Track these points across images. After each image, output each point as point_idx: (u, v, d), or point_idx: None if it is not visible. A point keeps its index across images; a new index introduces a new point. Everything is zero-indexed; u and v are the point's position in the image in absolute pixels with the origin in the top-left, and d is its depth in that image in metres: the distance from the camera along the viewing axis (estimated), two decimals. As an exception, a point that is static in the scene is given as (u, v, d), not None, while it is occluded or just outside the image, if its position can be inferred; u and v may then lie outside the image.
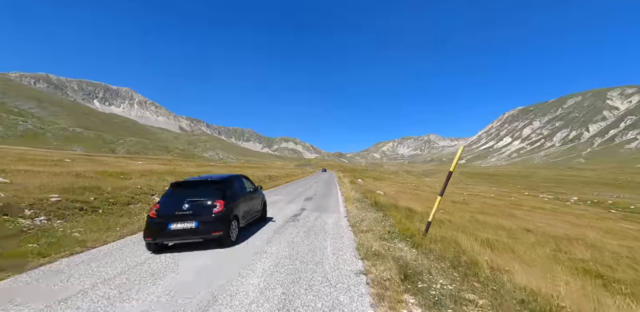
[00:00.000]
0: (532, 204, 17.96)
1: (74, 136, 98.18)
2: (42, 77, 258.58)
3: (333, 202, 11.50)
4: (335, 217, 8.01)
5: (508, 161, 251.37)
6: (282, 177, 27.20)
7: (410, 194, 18.23)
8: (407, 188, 24.34)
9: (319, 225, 6.96)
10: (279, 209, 9.46)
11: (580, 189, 56.10)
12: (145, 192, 10.00)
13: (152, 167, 18.32)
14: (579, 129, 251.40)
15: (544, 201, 21.59)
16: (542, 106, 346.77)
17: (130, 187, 9.74)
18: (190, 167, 24.94)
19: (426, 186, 34.18)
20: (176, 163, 32.24)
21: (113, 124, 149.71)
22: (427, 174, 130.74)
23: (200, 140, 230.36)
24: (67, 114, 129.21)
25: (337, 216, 8.22)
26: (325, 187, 19.00)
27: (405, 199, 12.80)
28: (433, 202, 5.79)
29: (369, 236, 5.73)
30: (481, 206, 13.16)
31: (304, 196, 13.27)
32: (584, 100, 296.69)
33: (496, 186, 65.34)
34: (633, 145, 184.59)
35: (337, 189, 16.98)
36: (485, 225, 8.89)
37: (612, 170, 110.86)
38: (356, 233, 6.08)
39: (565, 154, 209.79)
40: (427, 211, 8.79)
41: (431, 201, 13.97)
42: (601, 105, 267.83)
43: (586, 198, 25.08)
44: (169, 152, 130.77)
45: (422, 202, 12.48)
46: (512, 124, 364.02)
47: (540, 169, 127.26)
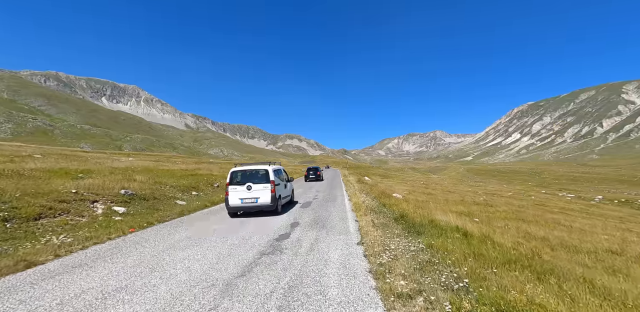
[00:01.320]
0: (558, 204, 16.46)
1: (82, 133, 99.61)
2: (51, 75, 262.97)
3: (338, 212, 8.33)
4: (343, 246, 4.78)
5: (517, 157, 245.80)
6: None
7: (427, 194, 16.46)
8: (418, 187, 23.16)
9: (312, 271, 3.69)
10: (261, 223, 6.82)
11: (597, 187, 54.04)
12: (84, 198, 7.44)
13: (137, 164, 16.47)
14: (592, 125, 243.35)
15: (567, 200, 20.15)
16: (553, 101, 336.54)
17: (63, 191, 7.38)
18: (184, 164, 22.66)
19: (435, 184, 33.05)
20: (173, 160, 31.31)
21: (120, 122, 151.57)
22: (433, 171, 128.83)
23: (205, 138, 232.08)
24: (76, 111, 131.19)
25: (346, 242, 5.01)
26: (328, 187, 16.62)
27: (433, 205, 10.40)
28: (463, 207, 4.75)
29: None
30: (510, 209, 11.44)
31: (301, 201, 10.82)
32: (597, 95, 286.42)
33: (506, 183, 63.60)
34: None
35: (342, 191, 14.26)
36: (550, 246, 5.78)
37: (627, 166, 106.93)
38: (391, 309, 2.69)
39: (577, 150, 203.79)
40: (471, 227, 6.11)
41: (459, 203, 12.63)
42: (616, 99, 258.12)
43: (612, 197, 23.53)
44: (175, 149, 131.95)
45: (450, 207, 10.63)
46: (522, 119, 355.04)
47: (551, 166, 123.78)
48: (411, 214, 6.98)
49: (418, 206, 9.22)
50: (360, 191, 14.29)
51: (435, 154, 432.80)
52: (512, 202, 15.79)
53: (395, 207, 8.51)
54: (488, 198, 16.14)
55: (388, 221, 6.83)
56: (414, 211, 7.66)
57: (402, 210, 7.68)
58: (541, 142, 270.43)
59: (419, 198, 13.28)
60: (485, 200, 15.33)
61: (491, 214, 10.11)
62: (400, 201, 10.23)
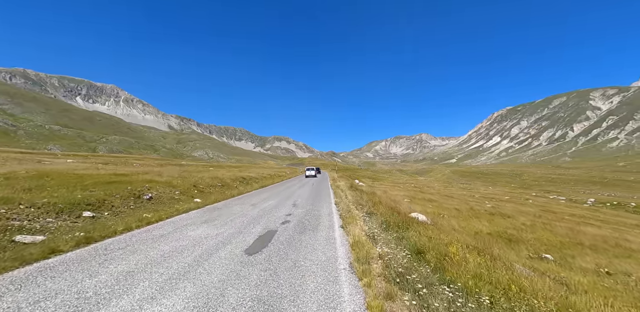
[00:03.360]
0: (564, 210, 15.57)
1: (51, 134, 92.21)
2: (18, 72, 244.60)
3: (317, 281, 3.56)
4: None
5: (497, 159, 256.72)
6: (261, 180, 21.37)
7: (428, 200, 14.59)
8: (413, 191, 22.19)
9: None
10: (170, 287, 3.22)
11: (573, 188, 56.39)
12: None
13: (53, 168, 12.04)
14: (564, 129, 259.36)
15: (566, 205, 19.81)
16: (530, 106, 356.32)
17: None
18: (141, 166, 19.77)
19: (427, 187, 32.55)
20: (131, 161, 27.93)
21: (95, 122, 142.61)
22: (419, 173, 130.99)
23: (189, 139, 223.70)
24: (44, 111, 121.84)
25: None
26: (311, 197, 12.35)
27: (458, 223, 8.43)
28: (487, 222, 3.51)
29: None
30: (531, 221, 10.03)
31: (254, 231, 6.15)
32: (568, 101, 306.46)
33: (491, 184, 65.14)
34: (614, 145, 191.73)
35: (330, 206, 10.06)
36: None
37: (595, 168, 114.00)
38: None
39: (551, 153, 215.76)
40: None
41: (476, 215, 10.55)
42: (585, 105, 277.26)
43: (602, 199, 23.89)
44: (156, 151, 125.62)
45: (474, 223, 8.69)
46: (501, 123, 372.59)
47: (529, 168, 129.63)
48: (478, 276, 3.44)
49: (475, 247, 4.83)
50: (356, 204, 10.23)
51: (422, 156, 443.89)
52: (521, 209, 14.53)
53: (435, 253, 4.19)
54: (494, 204, 15.09)
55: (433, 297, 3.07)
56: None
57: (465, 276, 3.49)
58: (519, 145, 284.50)
59: (429, 209, 10.81)
60: (494, 207, 14.08)
61: (515, 228, 8.62)
62: (434, 233, 5.59)
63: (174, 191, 10.96)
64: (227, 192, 13.15)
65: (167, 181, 11.95)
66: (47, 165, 14.02)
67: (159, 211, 7.99)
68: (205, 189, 12.88)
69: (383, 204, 9.37)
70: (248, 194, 13.48)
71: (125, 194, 8.76)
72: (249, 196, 12.47)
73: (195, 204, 9.54)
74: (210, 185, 14.00)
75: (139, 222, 6.53)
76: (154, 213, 7.59)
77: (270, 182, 21.34)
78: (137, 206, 8.32)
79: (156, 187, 10.54)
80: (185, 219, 7.22)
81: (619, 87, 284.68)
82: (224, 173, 20.17)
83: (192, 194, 11.35)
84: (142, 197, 9.13)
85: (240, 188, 15.10)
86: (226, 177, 17.46)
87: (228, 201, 10.90)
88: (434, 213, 10.44)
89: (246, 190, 14.55)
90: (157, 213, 7.60)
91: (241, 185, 16.91)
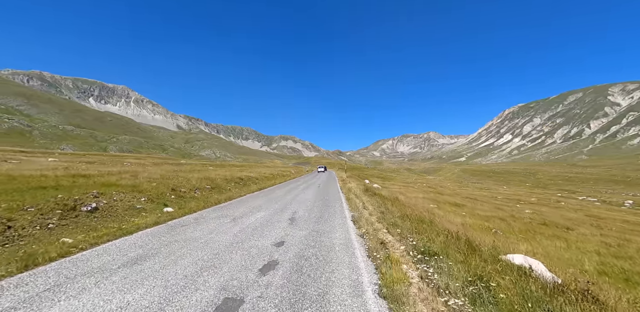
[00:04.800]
0: (608, 214, 13.62)
1: (64, 134, 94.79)
2: (35, 74, 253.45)
3: None
4: None
5: (509, 158, 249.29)
6: (261, 180, 19.20)
7: (456, 205, 12.08)
8: (427, 190, 20.75)
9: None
10: None
11: (593, 187, 53.56)
12: None
13: (17, 168, 10.35)
14: (580, 126, 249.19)
15: (604, 208, 17.86)
16: (543, 103, 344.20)
17: None
18: (131, 165, 17.71)
19: (441, 187, 31.05)
20: (126, 159, 26.83)
21: (106, 122, 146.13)
22: (428, 172, 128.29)
23: (197, 139, 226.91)
24: (58, 111, 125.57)
25: None
26: (318, 208, 9.35)
27: None
28: (559, 241, 2.90)
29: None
30: (592, 231, 8.30)
31: (215, 288, 3.38)
32: (585, 97, 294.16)
33: (504, 184, 62.76)
34: (635, 142, 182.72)
35: (346, 225, 7.06)
36: None
37: (616, 167, 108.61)
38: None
39: (566, 151, 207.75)
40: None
41: (534, 231, 8.11)
42: (603, 101, 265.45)
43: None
44: (165, 151, 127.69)
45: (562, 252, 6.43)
46: (513, 121, 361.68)
47: (543, 167, 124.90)
48: None
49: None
50: (385, 221, 7.12)
51: (429, 155, 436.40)
52: (567, 215, 12.13)
53: None
54: (533, 209, 12.80)
55: None
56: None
57: None
58: (532, 143, 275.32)
59: (467, 219, 8.24)
60: (536, 214, 11.51)
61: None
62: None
63: (138, 197, 8.57)
64: (213, 197, 10.87)
65: (133, 184, 9.39)
66: (2, 165, 11.62)
67: (97, 229, 5.90)
68: (186, 194, 10.58)
69: (432, 225, 6.19)
70: (238, 199, 11.04)
71: (48, 206, 6.08)
72: (237, 203, 10.07)
73: (159, 216, 7.28)
74: (197, 188, 11.79)
75: (23, 261, 3.93)
76: (85, 235, 5.42)
77: (271, 183, 19.07)
78: (63, 224, 5.76)
79: (111, 193, 8.07)
80: (107, 252, 4.52)
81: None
82: (220, 173, 18.04)
83: (166, 200, 9.15)
84: (80, 208, 6.57)
85: (233, 191, 12.83)
86: (220, 177, 15.31)
87: (208, 210, 8.51)
88: (481, 227, 8.03)
89: (238, 194, 12.22)
90: (89, 235, 5.41)
91: (236, 187, 14.72)
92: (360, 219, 7.39)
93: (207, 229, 6.23)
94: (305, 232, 6.04)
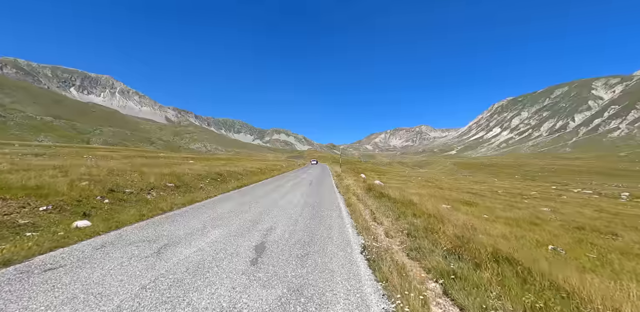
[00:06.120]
0: (618, 210, 12.67)
1: (42, 125, 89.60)
2: (9, 61, 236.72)
3: None
4: None
5: (498, 151, 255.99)
6: (245, 176, 16.95)
7: (468, 204, 10.58)
8: (425, 185, 19.99)
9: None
10: None
11: (578, 179, 55.41)
12: None
13: None
14: (565, 119, 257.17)
15: (605, 201, 17.46)
16: (531, 96, 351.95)
17: None
18: (95, 159, 15.54)
19: (436, 180, 30.81)
20: (97, 152, 24.14)
21: (90, 114, 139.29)
22: (420, 165, 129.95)
23: (187, 132, 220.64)
24: (36, 101, 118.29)
25: None
26: (305, 225, 5.96)
27: None
28: None
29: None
30: (634, 235, 7.16)
31: None
32: (570, 91, 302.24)
33: (494, 176, 64.09)
34: (615, 134, 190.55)
35: (350, 250, 4.35)
36: None
37: (597, 159, 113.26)
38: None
39: (552, 143, 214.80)
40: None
41: (580, 241, 6.78)
42: (586, 95, 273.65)
43: (637, 193, 22.01)
44: (152, 144, 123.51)
45: None
46: (502, 114, 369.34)
47: (530, 159, 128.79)
48: None
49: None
50: (418, 257, 4.21)
51: (421, 148, 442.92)
52: (586, 213, 10.81)
53: None
54: (550, 207, 11.25)
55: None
56: None
57: None
58: (519, 136, 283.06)
59: (497, 227, 6.71)
60: (555, 212, 10.32)
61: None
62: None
63: (35, 205, 5.48)
64: (169, 199, 7.94)
65: (37, 186, 6.33)
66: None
67: None
68: (131, 196, 7.63)
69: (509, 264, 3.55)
70: (202, 203, 8.07)
71: None
72: (196, 210, 7.04)
73: (52, 238, 4.22)
74: (153, 187, 8.94)
75: None
76: None
77: (256, 179, 16.38)
78: None
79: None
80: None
81: (622, 76, 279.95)
82: (196, 168, 15.57)
83: (91, 207, 6.21)
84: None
85: (204, 190, 10.32)
86: (193, 173, 12.85)
87: (142, 224, 5.45)
88: (530, 242, 5.82)
89: (207, 195, 9.36)
90: None
91: (211, 184, 12.03)
92: (380, 254, 4.04)
93: (95, 276, 3.10)
94: (273, 296, 2.88)
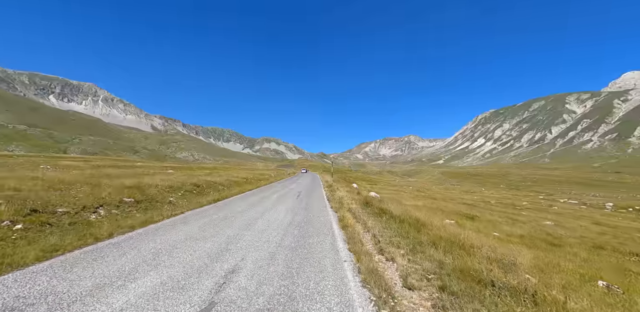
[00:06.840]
0: (617, 223, 12.92)
1: (14, 134, 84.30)
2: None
3: None
4: None
5: (482, 160, 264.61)
6: (227, 187, 15.32)
7: (469, 218, 10.31)
8: (418, 195, 19.65)
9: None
10: None
11: (558, 188, 57.28)
12: None
13: None
14: (543, 131, 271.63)
15: (597, 212, 17.76)
16: (511, 109, 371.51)
17: None
18: (31, 170, 13.80)
19: (427, 190, 30.74)
20: (59, 162, 21.84)
21: (69, 122, 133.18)
22: (409, 174, 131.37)
23: (173, 140, 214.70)
24: (9, 109, 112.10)
25: None
26: (289, 246, 5.00)
27: None
28: None
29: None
30: None
31: None
32: (547, 104, 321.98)
33: (481, 185, 65.25)
34: (589, 146, 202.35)
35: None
36: None
37: (573, 169, 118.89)
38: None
39: (532, 154, 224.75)
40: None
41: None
42: (561, 109, 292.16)
43: (620, 204, 22.64)
44: (136, 153, 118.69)
45: None
46: (485, 125, 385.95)
47: (512, 169, 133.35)
48: None
49: None
50: None
51: (410, 157, 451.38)
52: (589, 227, 10.52)
53: None
54: (554, 220, 10.44)
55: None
56: None
57: None
58: (502, 147, 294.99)
59: (515, 249, 5.64)
60: (559, 225, 9.85)
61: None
62: None
63: None
64: (113, 222, 5.92)
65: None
66: None
67: None
68: (63, 219, 5.58)
69: None
70: (160, 223, 6.37)
71: None
72: (135, 239, 5.04)
73: None
74: (103, 203, 7.01)
75: None
76: None
77: (238, 190, 14.69)
78: None
79: None
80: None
81: (592, 92, 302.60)
82: (170, 178, 13.53)
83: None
84: None
85: (173, 205, 8.74)
86: (164, 185, 10.99)
87: (51, 262, 3.74)
88: (575, 277, 4.88)
89: (173, 211, 7.66)
90: None
91: (184, 197, 10.28)
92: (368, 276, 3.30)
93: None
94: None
